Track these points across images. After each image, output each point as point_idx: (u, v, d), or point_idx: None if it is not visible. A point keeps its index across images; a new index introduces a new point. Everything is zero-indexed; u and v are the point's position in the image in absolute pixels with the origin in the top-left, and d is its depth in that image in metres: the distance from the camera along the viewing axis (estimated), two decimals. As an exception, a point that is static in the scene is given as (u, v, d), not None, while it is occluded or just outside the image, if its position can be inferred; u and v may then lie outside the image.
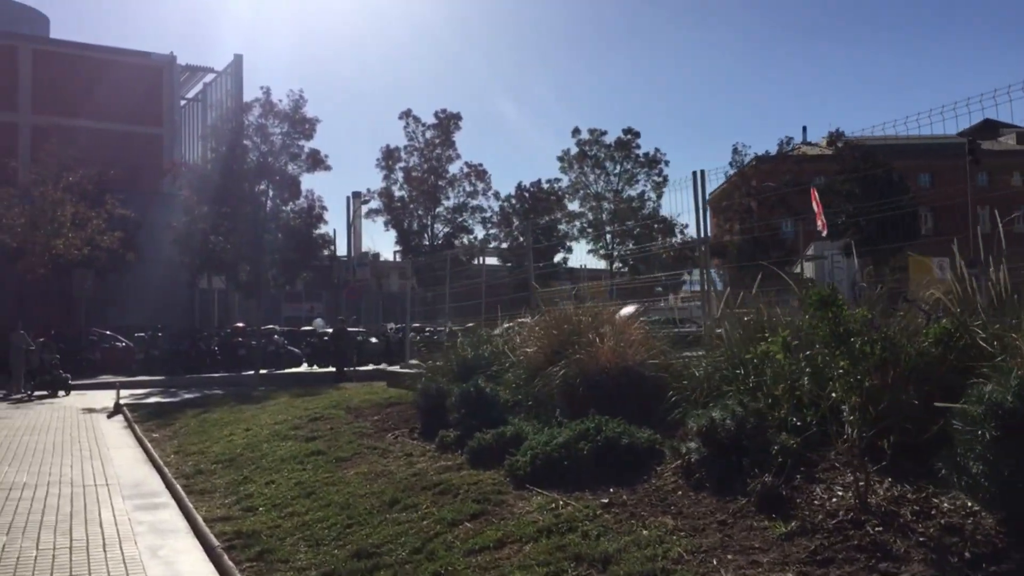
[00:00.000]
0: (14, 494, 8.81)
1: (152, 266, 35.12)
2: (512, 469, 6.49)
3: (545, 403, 8.11)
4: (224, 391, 22.30)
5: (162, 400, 20.04)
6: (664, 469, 5.95)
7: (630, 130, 37.98)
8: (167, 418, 15.19)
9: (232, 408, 15.21)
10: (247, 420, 13.17)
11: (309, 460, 8.97)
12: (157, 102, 51.71)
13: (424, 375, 11.65)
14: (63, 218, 27.76)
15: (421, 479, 7.17)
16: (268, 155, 31.03)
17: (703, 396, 6.91)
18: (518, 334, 11.07)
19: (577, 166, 38.29)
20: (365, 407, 12.54)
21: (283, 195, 31.78)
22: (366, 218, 34.72)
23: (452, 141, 34.62)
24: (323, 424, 11.35)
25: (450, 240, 35.46)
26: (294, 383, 25.81)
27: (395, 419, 10.95)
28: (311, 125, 31.32)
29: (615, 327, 8.30)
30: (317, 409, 12.95)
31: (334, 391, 16.37)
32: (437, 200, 34.51)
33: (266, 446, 10.33)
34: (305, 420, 11.97)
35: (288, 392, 17.32)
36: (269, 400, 15.70)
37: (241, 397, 17.45)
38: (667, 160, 38.53)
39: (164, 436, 13.15)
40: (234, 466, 9.54)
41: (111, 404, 18.64)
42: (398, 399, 12.92)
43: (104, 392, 22.65)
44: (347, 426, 10.85)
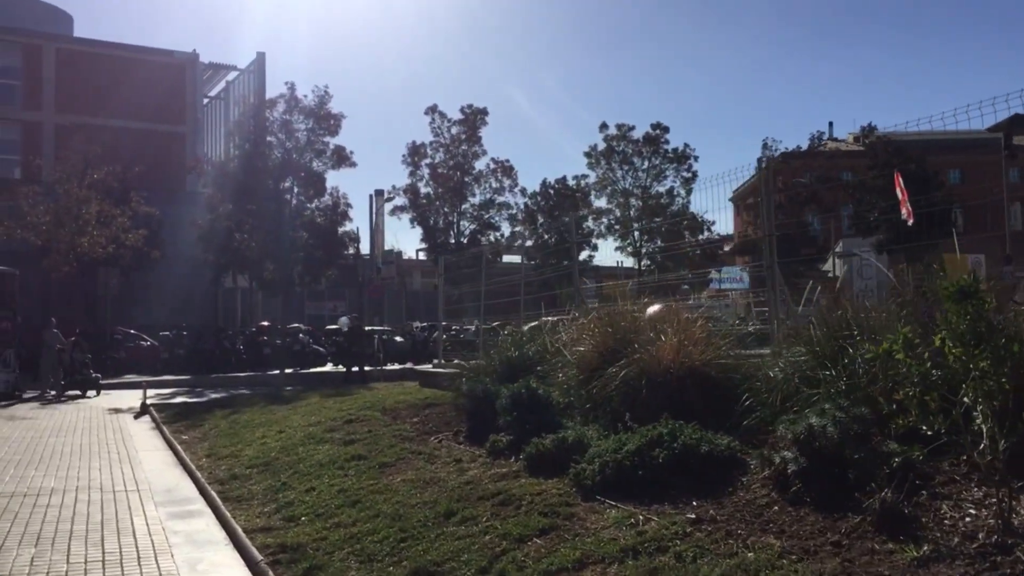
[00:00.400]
0: (42, 500, 8.39)
1: (174, 264, 34.90)
2: (578, 478, 5.97)
3: (603, 406, 7.58)
4: (251, 391, 21.94)
5: (189, 400, 19.69)
6: (751, 480, 5.41)
7: (658, 125, 37.37)
8: (196, 419, 14.80)
9: (262, 409, 14.79)
10: (279, 422, 12.73)
11: (350, 465, 8.49)
12: (180, 100, 51.56)
13: (464, 375, 11.15)
14: (88, 216, 27.47)
15: (476, 488, 6.66)
16: (293, 151, 30.75)
17: (781, 400, 6.36)
18: (563, 332, 10.56)
19: (604, 162, 37.68)
20: (401, 408, 12.07)
21: (307, 192, 31.46)
22: (391, 215, 34.41)
23: (478, 137, 34.16)
24: (360, 426, 10.89)
25: (476, 237, 34.98)
26: (321, 383, 25.46)
27: (435, 421, 10.47)
28: (336, 121, 31.00)
29: (677, 325, 7.75)
30: (351, 410, 12.49)
31: (365, 391, 15.92)
32: (463, 197, 34.00)
33: (302, 449, 9.87)
34: (340, 422, 11.51)
35: (317, 392, 16.89)
36: (299, 401, 15.27)
37: (270, 397, 17.04)
38: (696, 156, 37.91)
39: (194, 438, 12.74)
40: (270, 471, 9.08)
41: (137, 404, 18.30)
42: (435, 400, 12.44)
43: (130, 392, 22.36)
44: (385, 428, 10.37)
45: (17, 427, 14.76)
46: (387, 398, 13.63)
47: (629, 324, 8.29)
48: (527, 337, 10.83)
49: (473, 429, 8.87)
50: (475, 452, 8.06)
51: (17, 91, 46.67)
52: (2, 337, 20.16)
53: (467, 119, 33.90)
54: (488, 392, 8.78)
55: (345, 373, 24.46)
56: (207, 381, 24.90)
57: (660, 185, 38.15)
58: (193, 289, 39.33)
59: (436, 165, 33.65)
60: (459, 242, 34.31)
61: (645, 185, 37.64)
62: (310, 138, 31.09)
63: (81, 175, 28.10)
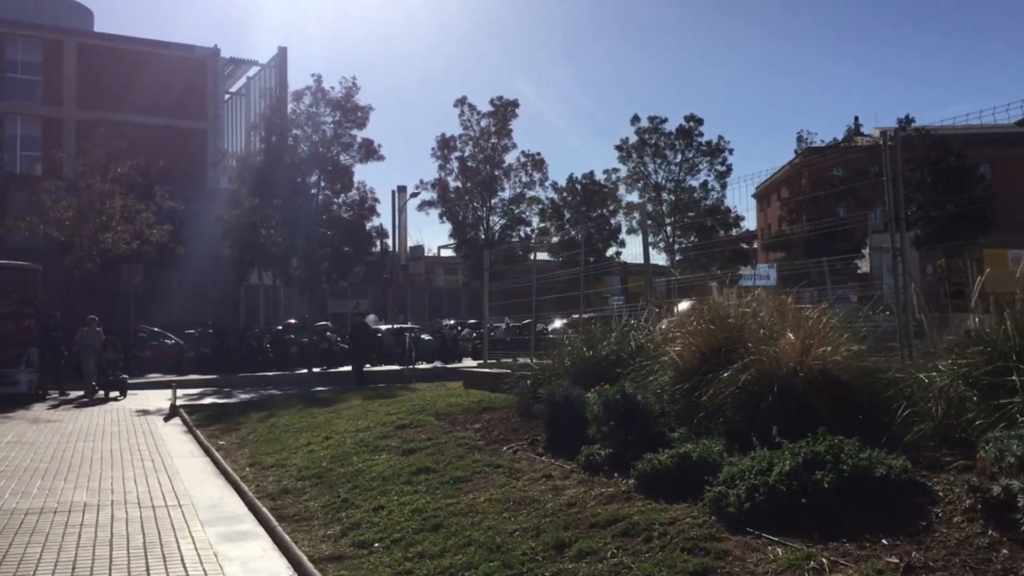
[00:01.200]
0: (74, 519, 7.50)
1: (196, 261, 34.18)
2: (718, 505, 4.99)
3: (714, 415, 6.60)
4: (281, 391, 21.10)
5: (218, 401, 18.85)
6: (948, 513, 4.42)
7: (692, 117, 36.28)
8: (229, 422, 13.93)
9: (300, 412, 13.89)
10: (322, 426, 11.82)
11: (418, 480, 7.55)
12: (200, 96, 50.98)
13: (527, 377, 10.18)
14: (111, 211, 26.72)
15: (582, 512, 5.70)
16: (319, 145, 29.89)
17: (945, 411, 5.36)
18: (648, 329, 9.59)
19: (636, 155, 36.60)
20: (456, 413, 11.13)
21: (334, 187, 30.60)
22: (418, 210, 33.42)
23: (509, 130, 33.21)
24: (415, 433, 9.95)
25: (506, 233, 34.05)
26: (350, 381, 24.62)
27: (500, 428, 9.52)
28: (364, 113, 30.13)
29: (797, 321, 6.76)
30: (400, 414, 11.57)
31: (409, 393, 14.98)
32: (494, 191, 33.04)
33: (357, 459, 8.94)
34: (391, 428, 10.58)
35: (356, 394, 15.96)
36: (339, 403, 14.36)
37: (306, 399, 16.15)
38: (731, 148, 36.78)
39: (231, 444, 11.85)
40: (325, 484, 8.16)
41: (166, 405, 17.48)
42: (491, 403, 11.50)
43: (156, 392, 21.55)
44: (446, 436, 9.42)
45: (42, 431, 13.94)
46: (436, 401, 12.69)
47: (738, 320, 7.29)
48: (600, 335, 9.83)
49: (554, 439, 7.91)
50: (564, 466, 7.09)
51: (38, 87, 46.15)
52: (25, 335, 19.35)
53: (497, 111, 32.95)
54: (571, 398, 7.82)
55: (354, 373, 23.23)
56: (234, 381, 24.10)
57: (693, 179, 37.12)
58: (213, 287, 38.64)
59: (465, 159, 32.71)
60: (489, 238, 33.35)
61: (678, 179, 36.53)
62: (337, 131, 30.23)
63: (104, 169, 27.36)
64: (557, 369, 9.71)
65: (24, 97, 45.37)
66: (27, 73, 45.93)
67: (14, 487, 9.00)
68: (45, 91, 45.85)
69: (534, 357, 13.33)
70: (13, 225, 27.29)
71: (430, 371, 26.57)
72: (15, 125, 45.21)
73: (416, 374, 24.95)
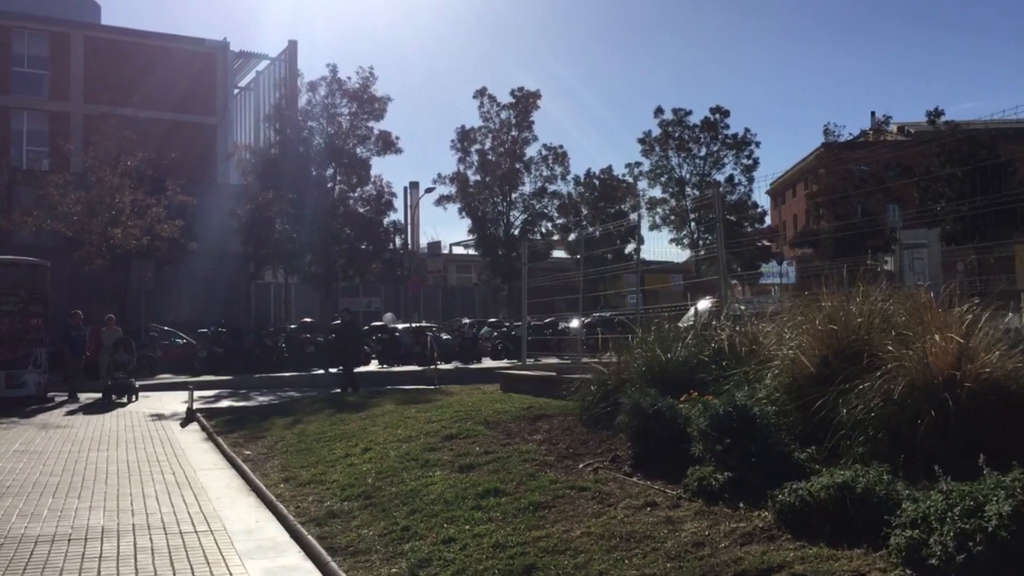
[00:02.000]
0: (92, 548, 6.48)
1: (205, 258, 33.23)
2: (914, 555, 3.94)
3: (856, 433, 5.55)
4: (301, 393, 20.13)
5: (236, 404, 17.88)
6: None
7: (718, 108, 35.13)
8: (253, 428, 12.91)
9: (330, 417, 12.86)
10: (357, 435, 10.80)
11: (489, 505, 6.50)
12: (210, 90, 50.11)
13: (594, 382, 9.14)
14: (121, 205, 25.76)
15: (715, 554, 4.65)
16: (335, 137, 28.89)
17: None
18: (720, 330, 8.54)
19: (659, 148, 35.46)
20: (506, 421, 10.09)
21: (350, 180, 29.60)
22: (436, 205, 32.35)
23: (530, 122, 32.10)
24: (468, 445, 8.92)
25: (527, 229, 33.00)
26: (375, 383, 23.62)
27: (565, 440, 8.49)
28: (382, 104, 29.18)
29: (942, 322, 5.70)
30: (443, 422, 10.54)
31: (445, 397, 13.93)
32: (515, 185, 32.00)
33: (408, 476, 7.91)
34: (438, 438, 9.55)
35: (387, 397, 14.90)
36: (371, 408, 13.32)
37: (332, 403, 15.12)
38: (757, 141, 35.61)
39: (259, 454, 10.83)
40: (377, 506, 7.12)
41: (181, 409, 16.49)
42: (542, 410, 10.47)
43: (169, 394, 20.59)
44: (504, 449, 8.39)
45: (52, 438, 12.94)
46: (478, 406, 11.65)
47: (865, 319, 6.24)
48: (672, 335, 8.76)
49: (643, 456, 6.87)
50: (667, 491, 6.04)
51: (44, 81, 45.32)
52: (33, 334, 18.34)
53: (518, 103, 31.87)
54: (663, 409, 6.77)
55: (343, 376, 20.56)
56: (250, 382, 23.13)
57: (719, 173, 35.99)
58: (222, 284, 37.71)
59: (485, 152, 31.67)
60: (510, 234, 32.32)
61: (704, 172, 35.41)
62: (353, 123, 29.25)
63: (114, 162, 26.41)
64: (628, 373, 8.65)
65: (31, 91, 44.56)
66: (33, 67, 45.12)
67: (22, 507, 7.99)
68: (52, 85, 45.03)
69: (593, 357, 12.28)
70: (20, 220, 26.33)
71: (452, 372, 25.58)
72: (21, 120, 44.41)
73: (439, 375, 23.95)
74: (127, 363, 18.31)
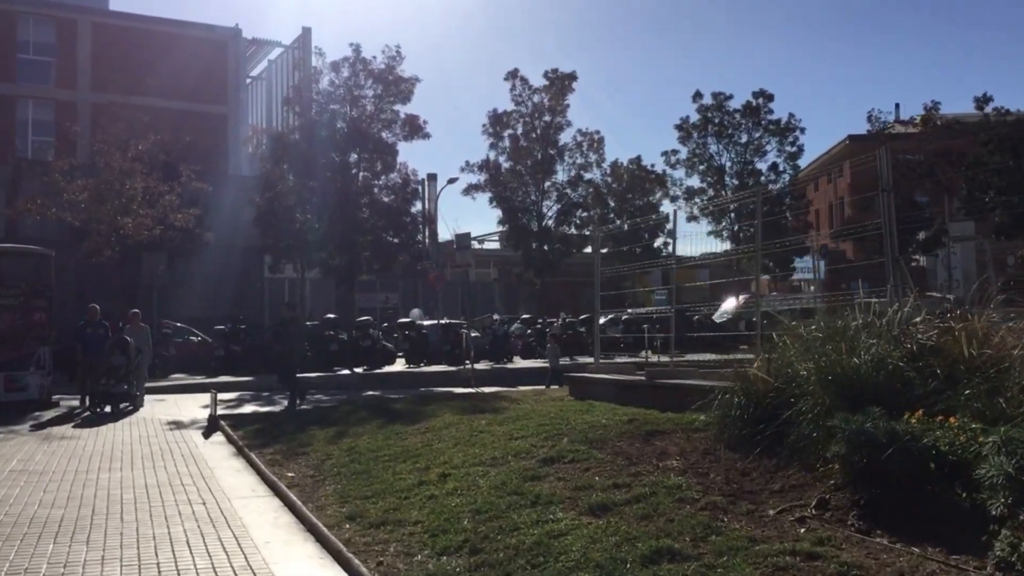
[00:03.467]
0: (107, 636, 4.59)
1: (216, 251, 31.39)
2: None
3: None
4: (329, 396, 18.33)
5: (262, 409, 16.06)
6: None
7: (762, 92, 33.02)
8: (289, 441, 11.04)
9: (381, 430, 10.98)
10: (424, 454, 8.91)
11: (668, 574, 4.58)
12: (221, 78, 48.42)
13: (739, 391, 7.21)
14: (132, 192, 23.89)
15: None
16: (359, 120, 26.97)
17: None
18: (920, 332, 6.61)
19: (698, 135, 33.45)
20: (611, 438, 8.21)
21: (375, 167, 27.65)
22: (464, 195, 30.36)
23: (565, 105, 30.05)
24: (580, 472, 7.02)
25: (562, 219, 31.02)
26: (405, 385, 21.79)
27: (714, 468, 6.59)
28: (409, 85, 27.16)
29: None
30: (528, 438, 8.67)
31: (510, 404, 12.00)
32: (550, 173, 30.01)
33: (518, 519, 5.99)
34: (533, 461, 7.67)
35: (441, 405, 12.96)
36: (427, 418, 11.42)
37: (375, 409, 13.24)
38: (802, 127, 33.54)
39: (304, 476, 8.93)
40: (493, 568, 5.20)
41: (201, 415, 14.69)
42: (651, 423, 8.61)
43: (186, 397, 18.78)
44: (634, 479, 6.49)
45: (55, 453, 11.07)
46: (562, 417, 9.75)
47: None
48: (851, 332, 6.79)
49: (876, 504, 4.93)
50: (962, 567, 4.10)
51: (51, 68, 43.63)
52: (36, 332, 16.47)
53: (553, 84, 29.86)
54: (908, 440, 4.83)
55: (281, 379, 17.32)
56: (272, 383, 21.21)
57: (761, 161, 33.99)
58: (232, 279, 35.90)
59: (518, 137, 29.69)
60: (543, 225, 30.36)
61: (745, 160, 33.41)
62: (378, 105, 27.30)
63: (124, 146, 24.54)
64: (793, 382, 6.71)
65: (37, 79, 42.90)
66: (40, 54, 43.47)
67: (14, 558, 6.11)
68: (59, 73, 43.33)
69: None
70: (23, 208, 24.46)
71: (487, 372, 23.73)
72: (27, 109, 42.77)
73: (478, 376, 22.09)
74: (120, 367, 15.87)
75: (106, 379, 15.72)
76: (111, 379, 15.74)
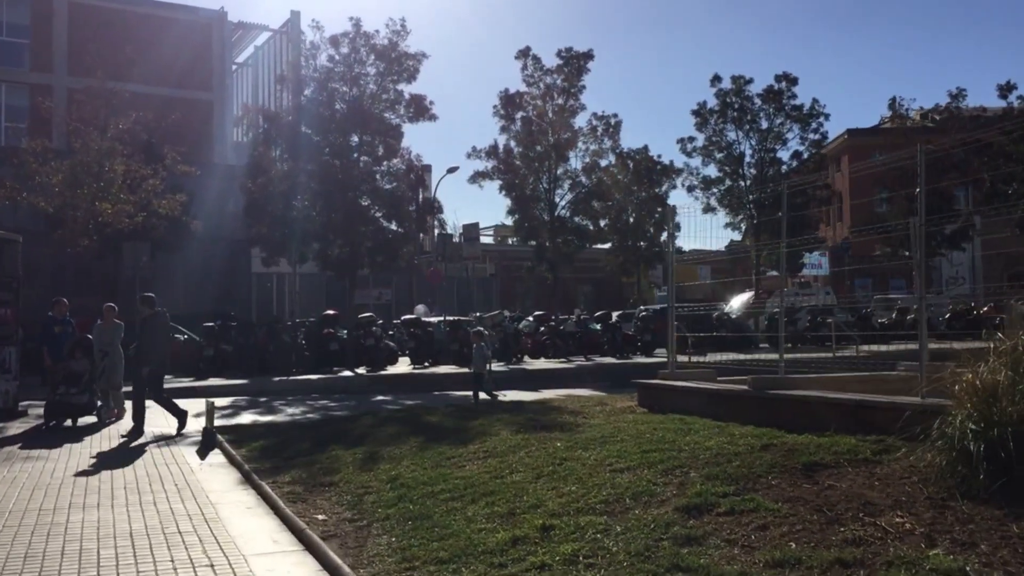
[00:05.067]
0: None
1: (201, 245, 29.13)
2: None
3: None
4: (338, 403, 16.18)
5: (263, 419, 13.89)
6: None
7: (785, 76, 30.98)
8: (308, 464, 8.91)
9: (424, 451, 8.85)
10: (502, 492, 6.78)
11: None
12: (206, 63, 46.14)
13: (973, 415, 5.15)
14: (112, 175, 21.56)
15: None
16: (360, 99, 24.74)
17: None
18: None
19: (716, 121, 31.43)
20: (760, 473, 6.14)
21: (375, 152, 25.42)
22: (470, 183, 28.17)
23: (580, 87, 27.87)
24: (757, 532, 4.95)
25: (576, 209, 28.92)
26: (420, 388, 19.71)
27: (965, 529, 4.51)
28: (415, 62, 24.93)
29: None
30: (640, 471, 6.62)
31: (581, 419, 9.88)
32: (562, 159, 27.84)
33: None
34: (671, 509, 5.60)
35: (490, 419, 10.76)
36: (479, 435, 9.29)
37: (412, 424, 11.06)
38: (827, 113, 31.60)
39: (341, 520, 6.79)
40: None
41: (192, 425, 12.48)
42: (791, 449, 6.55)
43: (174, 403, 16.50)
44: (866, 552, 4.41)
45: (15, 481, 8.85)
46: (663, 438, 7.67)
47: None
48: None
49: None
50: None
51: (25, 51, 41.34)
52: (0, 330, 14.16)
53: (567, 64, 27.67)
54: None
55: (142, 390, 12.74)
56: (269, 387, 19.08)
57: (783, 149, 32.04)
58: (217, 274, 33.65)
59: (530, 120, 27.50)
60: (556, 215, 28.26)
61: (766, 148, 31.43)
62: (381, 84, 25.06)
63: (103, 125, 22.20)
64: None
65: (10, 63, 40.60)
66: (13, 36, 41.18)
67: None
68: (33, 56, 41.02)
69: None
70: (-10, 193, 22.11)
71: (503, 374, 21.60)
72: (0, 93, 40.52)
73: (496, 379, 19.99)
74: (81, 374, 13.09)
75: (64, 387, 13.04)
76: (70, 387, 13.06)
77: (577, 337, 27.60)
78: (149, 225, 22.38)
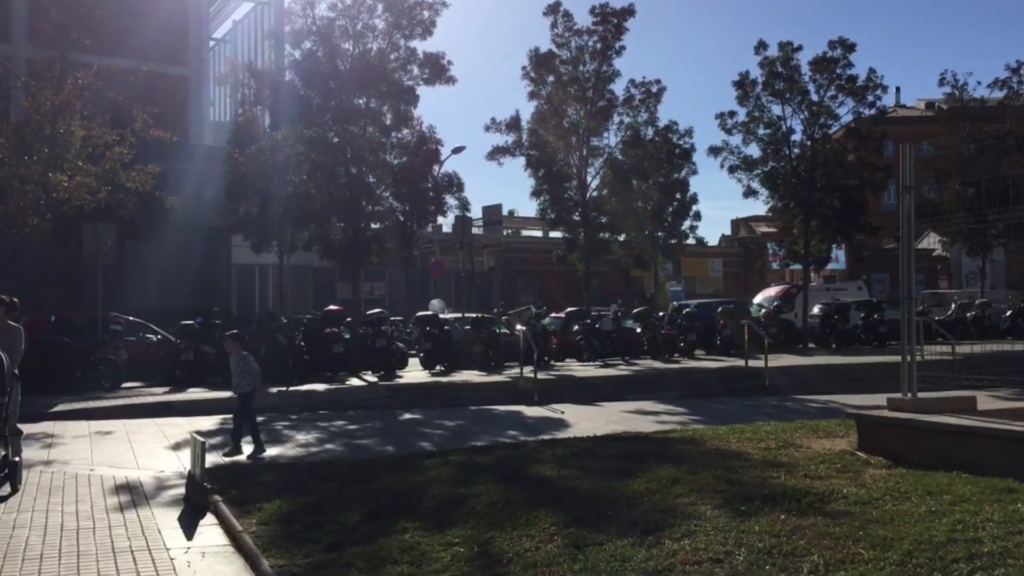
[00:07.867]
0: None
1: (176, 231, 25.27)
2: None
3: None
4: (361, 426, 12.45)
5: (269, 453, 10.05)
6: None
7: (841, 41, 27.24)
8: (370, 560, 5.15)
9: (578, 544, 5.11)
10: None
11: None
12: (182, 35, 42.34)
13: None
14: (68, 139, 17.59)
15: None
16: (364, 58, 20.84)
17: None
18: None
19: (762, 92, 27.91)
20: None
21: (382, 121, 21.54)
22: (489, 159, 24.25)
23: (620, 48, 24.00)
24: None
25: (611, 189, 25.29)
26: (449, 400, 16.02)
27: None
28: (433, 12, 21.06)
29: None
30: None
31: (816, 482, 6.19)
32: (596, 132, 24.12)
33: None
34: None
35: (642, 467, 7.04)
36: (658, 511, 5.58)
37: (518, 480, 7.30)
38: (884, 85, 27.98)
39: None
40: None
41: (168, 464, 8.73)
42: None
43: (141, 424, 12.73)
44: None
45: None
46: None
47: None
48: None
49: None
50: None
51: (-19, 19, 37.48)
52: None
53: (604, 21, 23.88)
54: None
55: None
56: (267, 401, 15.08)
57: (836, 124, 28.50)
58: (192, 265, 29.71)
59: (560, 85, 23.65)
60: (587, 197, 24.58)
61: (817, 124, 27.94)
62: (391, 39, 21.14)
63: (59, 78, 18.21)
64: None
65: (-36, 31, 36.63)
66: (-34, 2, 37.30)
67: None
68: (-11, 25, 37.15)
69: None
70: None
71: (548, 382, 17.94)
72: (-50, 63, 36.29)
73: (539, 388, 16.30)
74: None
75: None
76: None
77: (614, 337, 24.01)
78: (115, 202, 18.41)
